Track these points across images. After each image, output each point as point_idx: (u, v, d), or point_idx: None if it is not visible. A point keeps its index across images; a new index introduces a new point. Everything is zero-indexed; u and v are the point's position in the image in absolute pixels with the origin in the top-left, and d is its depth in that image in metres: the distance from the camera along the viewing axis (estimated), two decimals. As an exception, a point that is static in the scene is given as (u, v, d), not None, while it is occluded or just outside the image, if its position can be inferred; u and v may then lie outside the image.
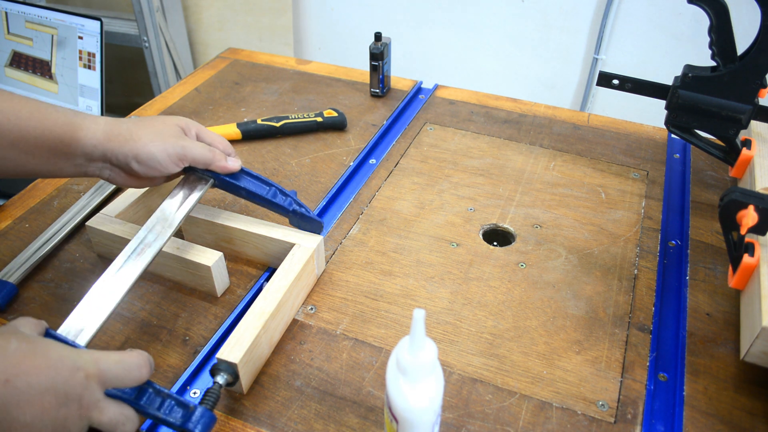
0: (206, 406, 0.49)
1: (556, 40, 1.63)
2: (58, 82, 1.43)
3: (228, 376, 0.52)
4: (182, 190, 0.65)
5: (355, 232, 0.74)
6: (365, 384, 0.56)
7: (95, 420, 0.44)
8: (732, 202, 0.56)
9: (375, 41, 0.97)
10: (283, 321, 0.61)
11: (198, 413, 0.48)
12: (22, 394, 0.41)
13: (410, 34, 1.79)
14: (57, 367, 0.43)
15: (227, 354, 0.52)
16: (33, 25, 1.42)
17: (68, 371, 0.43)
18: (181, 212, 0.62)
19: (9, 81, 1.50)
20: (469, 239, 0.72)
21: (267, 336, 0.57)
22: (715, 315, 0.63)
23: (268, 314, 0.56)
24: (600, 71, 0.82)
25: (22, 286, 0.66)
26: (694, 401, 0.55)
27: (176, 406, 0.48)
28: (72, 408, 0.43)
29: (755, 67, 0.68)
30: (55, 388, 0.42)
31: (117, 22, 1.80)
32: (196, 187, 0.65)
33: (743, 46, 0.69)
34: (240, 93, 1.04)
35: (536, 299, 0.65)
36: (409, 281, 0.67)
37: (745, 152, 0.73)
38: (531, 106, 0.99)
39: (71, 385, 0.43)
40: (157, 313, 0.64)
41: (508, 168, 0.84)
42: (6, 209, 0.77)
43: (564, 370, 0.57)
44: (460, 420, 0.53)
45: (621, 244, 0.71)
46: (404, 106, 0.99)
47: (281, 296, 0.58)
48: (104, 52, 1.36)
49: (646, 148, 0.88)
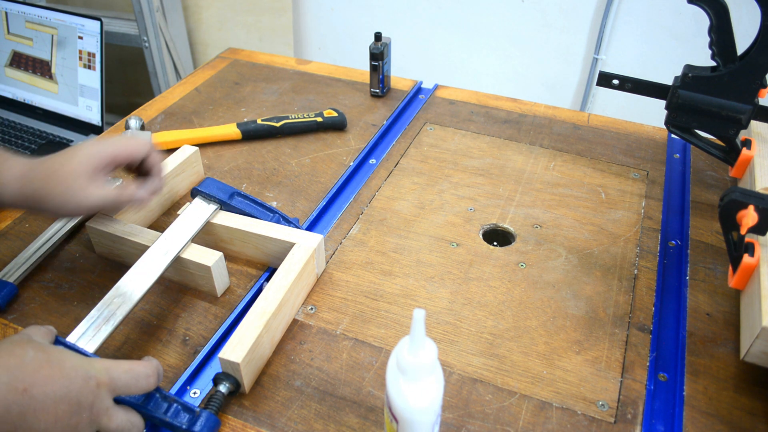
0: (211, 411, 0.51)
1: (556, 40, 1.63)
2: (58, 82, 1.43)
3: (230, 385, 0.53)
4: (188, 213, 0.67)
5: (355, 232, 0.74)
6: (365, 384, 0.56)
7: (104, 426, 0.46)
8: (732, 202, 0.56)
9: (375, 41, 0.97)
10: (284, 321, 0.61)
11: (203, 418, 0.50)
12: (38, 403, 0.42)
13: (410, 34, 1.79)
14: (71, 377, 0.44)
15: (229, 354, 0.52)
16: (33, 25, 1.42)
17: (81, 380, 0.44)
18: (186, 236, 0.64)
19: (9, 81, 1.50)
20: (469, 239, 0.72)
21: (269, 336, 0.57)
22: (715, 315, 0.63)
23: (270, 314, 0.56)
24: (600, 71, 0.82)
25: (22, 286, 0.66)
26: (694, 401, 0.55)
27: (182, 411, 0.50)
28: (83, 415, 0.44)
29: (755, 67, 0.68)
30: (69, 397, 0.43)
31: (117, 22, 1.80)
32: (203, 211, 0.67)
33: (743, 46, 0.69)
34: (240, 93, 1.04)
35: (536, 299, 0.65)
36: (409, 281, 0.67)
37: (745, 152, 0.73)
38: (531, 106, 0.99)
39: (84, 393, 0.44)
40: (157, 313, 0.64)
41: (508, 168, 0.84)
42: (6, 209, 0.77)
43: (564, 370, 0.57)
44: (460, 420, 0.53)
45: (621, 244, 0.71)
46: (404, 106, 0.99)
47: (282, 296, 0.58)
48: (104, 52, 1.36)
49: (646, 148, 0.88)
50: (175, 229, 0.65)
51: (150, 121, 0.96)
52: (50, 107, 1.46)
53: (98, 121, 1.40)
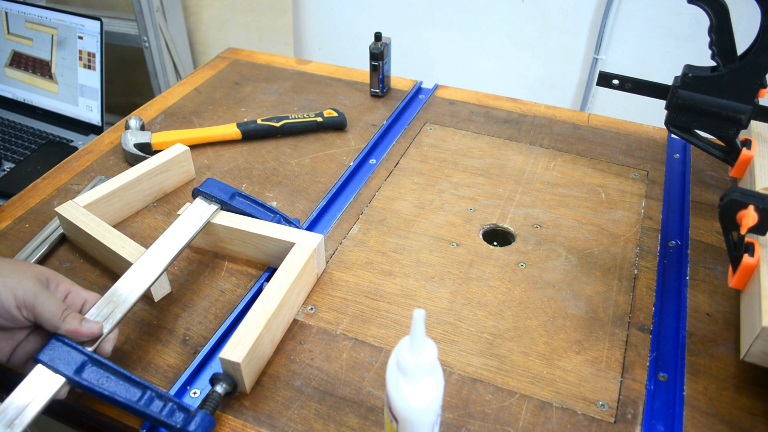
0: (206, 411, 0.50)
1: (556, 40, 1.63)
2: (58, 82, 1.43)
3: (227, 385, 0.53)
4: (189, 213, 0.67)
5: (355, 232, 0.74)
6: (365, 384, 0.56)
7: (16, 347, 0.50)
8: (732, 202, 0.56)
9: (375, 41, 0.97)
10: (284, 320, 0.61)
11: (198, 418, 0.49)
12: None
13: (410, 34, 1.79)
14: None
15: (230, 354, 0.52)
16: (33, 25, 1.42)
17: None
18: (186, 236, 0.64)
19: (9, 81, 1.50)
20: (469, 239, 0.72)
21: (269, 335, 0.57)
22: (715, 315, 0.63)
23: (270, 313, 0.56)
24: (600, 71, 0.82)
25: (22, 286, 0.66)
26: (694, 401, 0.55)
27: (177, 410, 0.50)
28: None
29: (755, 67, 0.68)
30: None
31: (117, 22, 1.80)
32: (204, 211, 0.67)
33: (743, 46, 0.69)
34: (240, 93, 1.04)
35: (536, 299, 0.65)
36: (409, 281, 0.67)
37: (745, 152, 0.73)
38: (531, 106, 0.99)
39: None
40: (157, 313, 0.64)
41: (508, 168, 0.84)
42: (6, 209, 0.77)
43: (564, 370, 0.57)
44: (460, 420, 0.53)
45: (621, 244, 0.71)
46: (404, 106, 0.99)
47: (282, 295, 0.58)
48: (104, 52, 1.36)
49: (646, 148, 0.88)
50: (175, 229, 0.65)
51: (150, 121, 0.96)
52: (50, 107, 1.46)
53: (98, 121, 1.40)
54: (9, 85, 1.50)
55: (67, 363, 0.50)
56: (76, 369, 0.50)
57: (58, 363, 0.49)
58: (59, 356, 0.50)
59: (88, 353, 0.51)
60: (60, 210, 0.69)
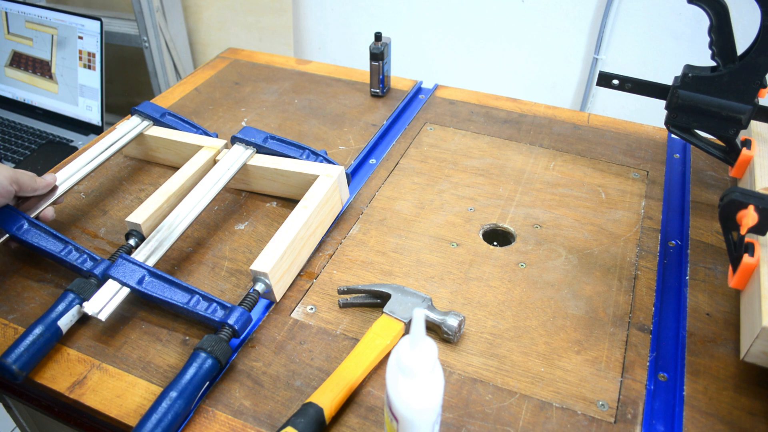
0: (244, 308, 0.59)
1: (556, 40, 1.63)
2: (58, 82, 1.43)
3: (264, 285, 0.61)
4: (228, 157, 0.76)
5: (355, 232, 0.74)
6: (365, 384, 0.56)
7: None
8: (732, 202, 0.56)
9: (375, 41, 0.97)
10: (311, 240, 0.69)
11: (237, 313, 0.58)
12: None
13: (410, 34, 1.79)
14: None
15: (260, 266, 0.61)
16: (33, 25, 1.42)
17: None
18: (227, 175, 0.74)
19: (9, 81, 1.50)
20: (469, 239, 0.72)
21: (294, 250, 0.65)
22: (715, 315, 0.63)
23: (295, 232, 0.64)
24: (600, 71, 0.82)
25: (22, 286, 0.66)
26: (694, 401, 0.55)
27: (219, 308, 0.59)
28: None
29: (755, 67, 0.68)
30: None
31: (117, 22, 1.80)
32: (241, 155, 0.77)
33: (743, 46, 0.69)
34: (240, 93, 1.04)
35: (536, 299, 0.65)
36: (409, 281, 0.67)
37: (745, 152, 0.73)
38: (531, 106, 0.99)
39: None
40: (157, 312, 0.64)
41: (508, 168, 0.84)
42: None
43: (564, 370, 0.57)
44: (460, 420, 0.53)
45: (621, 244, 0.71)
46: (404, 106, 0.99)
47: (306, 218, 0.66)
48: (104, 52, 1.36)
49: (646, 148, 0.88)
50: (217, 169, 0.74)
51: (150, 121, 0.96)
52: (50, 107, 1.46)
53: (98, 121, 1.40)
54: (9, 85, 1.50)
55: (131, 277, 0.61)
56: (138, 280, 0.61)
57: (124, 276, 0.61)
58: (124, 272, 0.61)
59: (147, 267, 0.61)
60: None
